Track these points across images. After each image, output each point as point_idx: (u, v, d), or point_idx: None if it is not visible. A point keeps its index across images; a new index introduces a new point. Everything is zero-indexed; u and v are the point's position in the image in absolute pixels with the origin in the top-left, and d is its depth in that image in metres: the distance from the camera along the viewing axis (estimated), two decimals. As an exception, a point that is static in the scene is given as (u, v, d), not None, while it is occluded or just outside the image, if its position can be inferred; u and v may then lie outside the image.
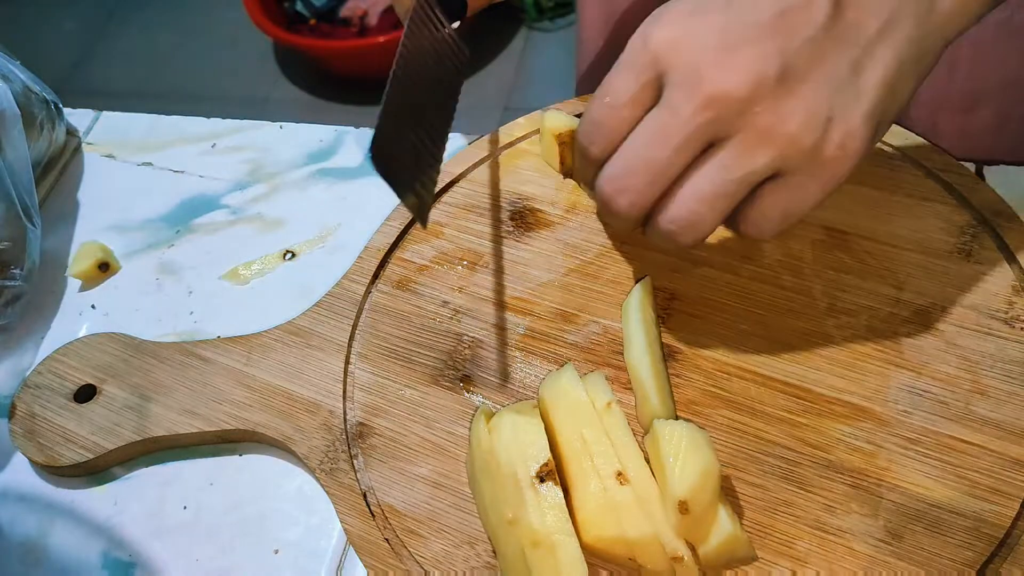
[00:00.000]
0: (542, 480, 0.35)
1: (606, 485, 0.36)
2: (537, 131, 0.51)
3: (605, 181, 0.34)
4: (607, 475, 0.36)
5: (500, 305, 0.45)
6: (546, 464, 0.35)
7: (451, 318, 0.45)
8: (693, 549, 0.35)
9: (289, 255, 0.51)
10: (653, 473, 0.38)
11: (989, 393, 0.38)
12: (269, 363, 0.44)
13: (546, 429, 0.37)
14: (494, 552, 0.37)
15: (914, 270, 0.42)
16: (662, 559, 0.35)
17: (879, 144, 0.47)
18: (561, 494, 0.35)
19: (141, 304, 0.50)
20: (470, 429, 0.40)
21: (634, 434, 0.37)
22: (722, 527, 0.34)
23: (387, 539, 0.38)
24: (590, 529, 0.35)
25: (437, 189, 0.49)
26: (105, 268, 0.52)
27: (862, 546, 0.36)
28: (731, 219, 0.34)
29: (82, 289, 0.51)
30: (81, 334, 0.49)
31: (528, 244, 0.47)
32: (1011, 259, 0.42)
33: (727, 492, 0.37)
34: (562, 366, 0.41)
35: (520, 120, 0.51)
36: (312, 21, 1.72)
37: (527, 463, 0.35)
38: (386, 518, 0.39)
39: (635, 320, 0.41)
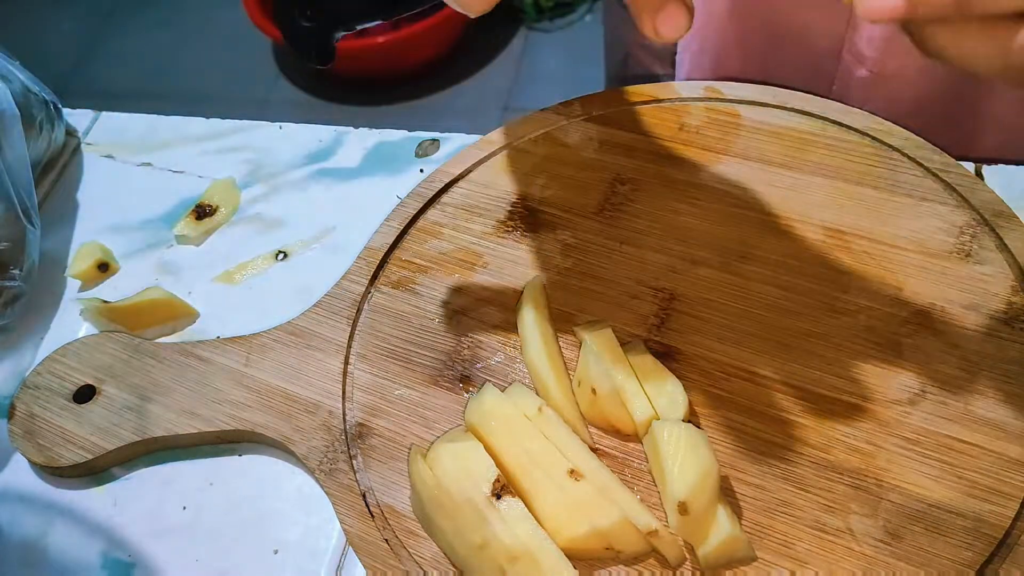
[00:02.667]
0: (499, 496, 0.35)
1: (562, 485, 0.36)
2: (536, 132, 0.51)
3: None
4: (560, 476, 0.36)
5: (499, 305, 0.45)
6: (497, 480, 0.35)
7: (451, 318, 0.45)
8: (691, 549, 0.35)
9: (281, 255, 0.51)
10: (652, 473, 0.38)
11: (989, 393, 0.38)
12: (268, 363, 0.44)
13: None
14: None
15: (914, 270, 0.42)
16: (638, 539, 0.35)
17: (878, 144, 0.47)
18: (523, 504, 0.35)
19: (140, 304, 0.50)
20: (409, 474, 0.39)
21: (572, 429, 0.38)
22: (721, 527, 0.34)
23: (386, 539, 0.38)
24: (562, 532, 0.35)
25: (437, 189, 0.49)
26: (104, 268, 0.51)
27: (861, 546, 0.35)
28: None
29: (81, 289, 0.51)
30: (80, 334, 0.49)
31: (528, 244, 0.47)
32: (1011, 259, 0.42)
33: (726, 492, 0.37)
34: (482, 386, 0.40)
35: (520, 120, 0.51)
36: (312, 21, 1.72)
37: (478, 484, 0.35)
38: (385, 519, 0.39)
39: (530, 320, 0.42)
